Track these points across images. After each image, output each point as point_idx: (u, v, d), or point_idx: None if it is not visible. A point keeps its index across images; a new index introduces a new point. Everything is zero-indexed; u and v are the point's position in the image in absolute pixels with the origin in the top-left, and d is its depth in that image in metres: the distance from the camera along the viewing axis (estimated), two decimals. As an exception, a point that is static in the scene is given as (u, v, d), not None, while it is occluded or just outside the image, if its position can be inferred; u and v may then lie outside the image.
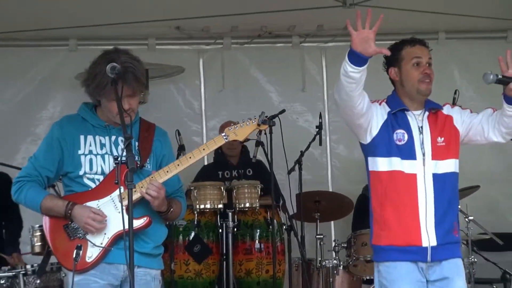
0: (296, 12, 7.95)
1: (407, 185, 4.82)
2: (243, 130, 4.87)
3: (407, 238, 4.78)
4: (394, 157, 4.83)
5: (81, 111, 4.79)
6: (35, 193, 4.66)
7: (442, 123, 4.97)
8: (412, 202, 4.80)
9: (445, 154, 4.92)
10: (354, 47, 4.65)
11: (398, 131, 4.86)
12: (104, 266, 4.59)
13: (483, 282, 8.52)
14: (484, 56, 9.59)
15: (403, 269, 4.79)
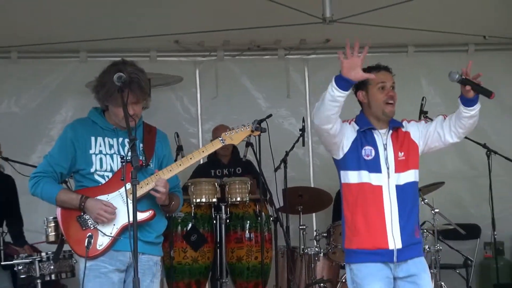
0: (281, 28, 7.96)
1: (374, 196, 4.87)
2: (238, 135, 4.91)
3: (376, 243, 4.83)
4: (362, 171, 4.88)
5: (91, 115, 4.81)
6: (50, 187, 4.68)
7: (402, 139, 5.03)
8: (379, 210, 4.85)
9: (405, 167, 4.97)
10: (344, 73, 4.60)
11: (366, 148, 4.91)
12: (112, 253, 4.61)
13: (447, 267, 8.55)
14: (448, 67, 9.47)
15: (373, 267, 4.84)
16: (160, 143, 4.91)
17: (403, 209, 4.88)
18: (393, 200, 4.86)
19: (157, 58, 9.18)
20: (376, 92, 4.99)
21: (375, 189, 4.87)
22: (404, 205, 4.89)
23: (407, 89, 9.22)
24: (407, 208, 4.90)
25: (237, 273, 7.60)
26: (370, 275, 4.82)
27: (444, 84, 9.53)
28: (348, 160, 4.93)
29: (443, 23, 8.35)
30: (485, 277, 9.39)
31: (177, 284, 7.47)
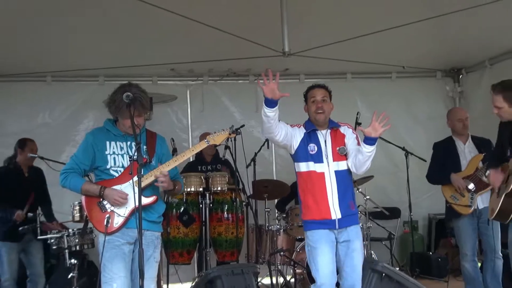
0: (251, 59, 7.94)
1: (319, 180, 5.07)
2: (219, 137, 4.99)
3: (322, 214, 5.02)
4: (309, 162, 5.10)
5: (106, 124, 4.84)
6: (76, 180, 4.69)
7: (339, 138, 5.23)
8: (322, 191, 5.05)
9: (341, 157, 5.16)
10: (266, 95, 4.89)
11: (310, 145, 5.15)
12: (124, 230, 4.62)
13: (375, 240, 8.57)
14: (376, 89, 9.65)
15: (322, 233, 4.99)
16: (159, 144, 4.93)
17: (340, 188, 5.07)
18: (333, 183, 5.06)
19: (157, 81, 9.11)
20: (310, 104, 5.28)
21: (319, 175, 5.08)
22: (341, 186, 5.08)
23: (346, 106, 9.24)
24: (342, 187, 5.09)
25: (218, 244, 7.56)
26: (320, 239, 4.98)
27: (373, 102, 9.60)
28: (299, 154, 5.15)
29: (373, 56, 8.38)
30: (403, 247, 9.41)
31: (172, 253, 7.43)
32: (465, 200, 6.44)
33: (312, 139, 5.16)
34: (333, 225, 4.99)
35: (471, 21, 7.19)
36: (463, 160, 6.60)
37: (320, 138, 5.17)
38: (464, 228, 6.50)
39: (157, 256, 4.81)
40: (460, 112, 6.91)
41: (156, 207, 4.77)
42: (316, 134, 5.19)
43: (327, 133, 5.21)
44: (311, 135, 5.19)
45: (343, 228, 5.02)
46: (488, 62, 8.85)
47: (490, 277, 6.45)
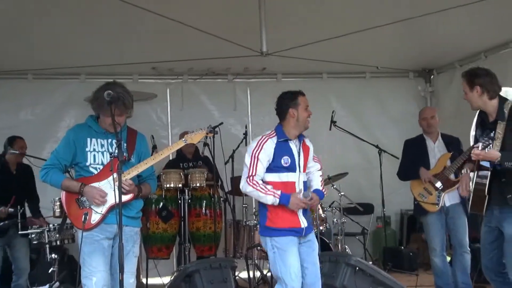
0: (230, 59, 7.94)
1: (291, 190, 4.97)
2: (196, 136, 4.94)
3: (293, 223, 4.97)
4: (282, 173, 4.97)
5: (88, 121, 4.78)
6: (57, 176, 4.65)
7: (306, 150, 5.17)
8: None
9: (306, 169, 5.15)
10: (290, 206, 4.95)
11: (284, 157, 4.97)
12: (103, 226, 4.59)
13: (349, 235, 8.61)
14: (351, 89, 9.70)
15: (290, 238, 4.94)
16: (139, 142, 4.89)
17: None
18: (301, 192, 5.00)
19: (138, 80, 9.07)
20: (302, 111, 5.10)
21: (291, 184, 5.00)
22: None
23: (322, 105, 9.29)
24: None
25: (196, 239, 7.56)
26: (290, 242, 4.92)
27: (348, 101, 9.65)
28: (271, 167, 4.98)
29: (348, 57, 8.40)
30: (376, 242, 9.46)
31: (151, 248, 7.41)
32: (433, 198, 6.48)
33: (285, 151, 4.98)
34: (300, 233, 4.99)
35: (441, 23, 7.25)
36: (432, 159, 6.64)
37: (293, 148, 5.03)
38: (433, 224, 6.55)
39: (136, 251, 4.79)
40: (425, 111, 6.94)
41: (134, 203, 4.75)
42: (288, 144, 5.03)
43: (300, 144, 5.11)
44: (283, 146, 5.00)
45: (306, 236, 5.06)
46: (458, 63, 8.93)
47: (458, 270, 6.52)
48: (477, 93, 5.06)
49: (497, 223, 5.01)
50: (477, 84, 5.05)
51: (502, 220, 4.97)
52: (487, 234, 5.13)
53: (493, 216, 5.02)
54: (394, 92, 9.86)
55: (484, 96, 5.04)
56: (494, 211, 4.99)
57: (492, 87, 5.04)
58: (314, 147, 5.32)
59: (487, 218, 5.09)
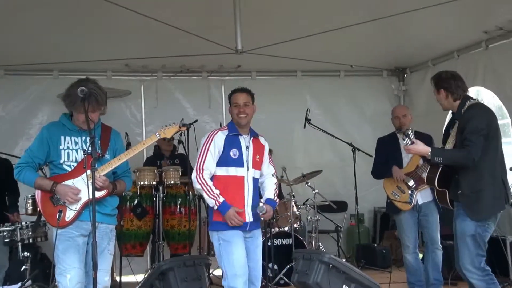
0: (205, 56, 7.94)
1: (238, 184, 5.07)
2: (169, 131, 4.93)
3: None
4: (230, 167, 5.07)
5: (61, 119, 4.75)
6: (30, 174, 4.61)
7: (260, 147, 5.25)
8: (240, 194, 5.07)
9: (258, 166, 5.22)
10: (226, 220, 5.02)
11: (233, 150, 5.09)
12: (78, 223, 4.57)
13: (323, 232, 8.66)
14: (325, 87, 9.75)
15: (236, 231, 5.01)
16: (114, 139, 4.87)
17: (254, 195, 5.14)
18: (250, 188, 5.11)
19: (112, 76, 9.00)
20: (232, 108, 5.23)
21: (239, 179, 5.08)
22: (255, 192, 5.16)
23: (296, 103, 9.35)
24: (255, 194, 5.16)
25: (170, 237, 7.53)
26: (235, 235, 4.99)
27: (322, 99, 9.69)
28: (220, 160, 5.08)
29: (323, 55, 8.45)
30: (350, 239, 9.52)
31: (125, 245, 7.37)
32: (405, 197, 6.54)
33: (234, 144, 5.11)
34: (245, 228, 5.04)
35: (415, 23, 7.32)
36: (405, 157, 6.67)
37: (242, 143, 5.13)
38: (405, 221, 6.61)
39: (112, 249, 4.77)
40: (396, 110, 6.96)
41: (110, 200, 4.74)
42: (238, 138, 5.14)
43: (250, 140, 5.18)
44: (233, 139, 5.13)
45: (251, 231, 5.11)
46: (431, 62, 9.02)
47: (431, 267, 6.58)
48: (443, 96, 5.34)
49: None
50: (442, 87, 5.35)
51: (455, 216, 5.20)
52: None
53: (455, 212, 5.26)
54: (368, 91, 9.93)
55: (449, 98, 5.32)
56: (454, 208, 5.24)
57: (456, 89, 5.29)
58: (288, 145, 5.39)
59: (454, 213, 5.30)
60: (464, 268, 5.10)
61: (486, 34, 7.63)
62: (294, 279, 5.97)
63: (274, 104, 9.15)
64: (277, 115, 9.18)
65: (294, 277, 5.97)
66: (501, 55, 7.61)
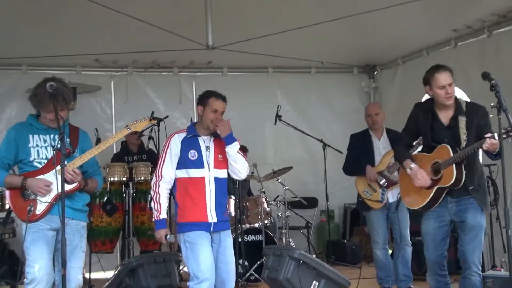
0: (176, 52, 7.90)
1: (199, 185, 5.00)
2: (140, 124, 4.96)
3: (199, 217, 4.97)
4: (189, 169, 5.01)
5: (28, 119, 4.76)
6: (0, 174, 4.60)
7: (222, 145, 5.09)
8: (201, 195, 5.00)
9: (222, 166, 5.13)
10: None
11: (191, 151, 5.03)
12: (49, 217, 4.57)
13: (294, 229, 8.69)
14: (296, 83, 9.77)
15: (200, 232, 4.95)
16: (82, 138, 4.87)
17: (218, 195, 5.06)
18: (212, 188, 5.03)
19: (81, 72, 8.89)
20: (209, 113, 5.06)
21: (199, 180, 5.01)
22: (219, 193, 5.07)
23: (267, 99, 9.37)
24: (220, 195, 5.08)
25: (141, 233, 7.52)
26: (199, 236, 4.93)
27: (293, 96, 9.72)
28: (179, 163, 5.03)
29: (294, 51, 8.46)
30: (320, 235, 9.58)
31: (95, 242, 7.31)
32: (377, 195, 6.60)
33: (192, 145, 5.04)
34: (208, 228, 4.97)
35: (385, 21, 7.38)
36: (377, 156, 6.73)
37: (201, 143, 5.06)
38: (376, 218, 6.68)
39: (84, 246, 4.76)
40: (369, 108, 7.01)
41: (81, 195, 4.74)
42: (197, 139, 5.08)
43: (211, 140, 5.12)
44: (191, 141, 5.07)
45: (217, 232, 5.05)
46: (401, 60, 9.10)
47: (400, 263, 6.66)
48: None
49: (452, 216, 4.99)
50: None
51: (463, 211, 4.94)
52: (439, 229, 5.05)
53: (447, 210, 4.99)
54: (339, 88, 9.98)
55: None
56: (449, 205, 4.97)
57: None
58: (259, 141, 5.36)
59: (437, 213, 5.03)
60: (474, 263, 4.90)
61: (455, 32, 7.72)
62: (265, 275, 6.00)
63: (245, 100, 9.15)
64: (248, 111, 9.19)
65: (265, 273, 5.99)
66: (469, 53, 7.70)
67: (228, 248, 5.08)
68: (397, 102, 9.04)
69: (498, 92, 4.33)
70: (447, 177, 4.87)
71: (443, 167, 4.88)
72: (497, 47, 7.24)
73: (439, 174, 4.92)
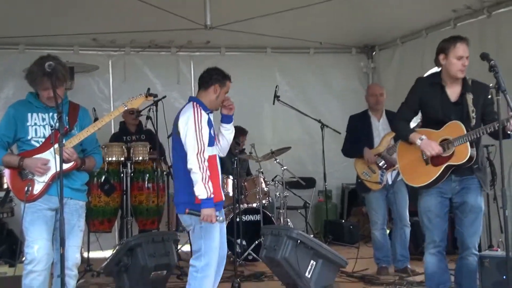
0: (174, 32, 7.89)
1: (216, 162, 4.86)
2: (136, 101, 4.92)
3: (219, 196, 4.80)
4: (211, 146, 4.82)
5: (28, 97, 4.72)
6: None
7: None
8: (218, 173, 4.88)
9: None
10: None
11: (212, 128, 4.84)
12: (47, 197, 4.55)
13: (292, 209, 8.70)
14: (295, 63, 9.75)
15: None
16: (82, 115, 4.82)
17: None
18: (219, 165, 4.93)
19: (79, 51, 8.86)
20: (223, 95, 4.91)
21: (215, 157, 4.88)
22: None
23: (265, 79, 9.35)
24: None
25: (138, 212, 7.54)
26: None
27: (292, 76, 9.70)
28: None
29: (292, 32, 8.43)
30: (318, 215, 9.60)
31: (93, 221, 7.35)
32: (376, 177, 6.62)
33: (210, 123, 4.87)
34: (221, 207, 4.93)
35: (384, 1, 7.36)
36: (376, 137, 6.74)
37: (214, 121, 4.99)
38: (375, 199, 6.70)
39: (82, 225, 4.74)
40: (373, 88, 7.04)
41: (79, 174, 4.72)
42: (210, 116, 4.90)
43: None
44: (209, 118, 4.88)
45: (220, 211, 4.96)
46: (400, 40, 9.07)
47: (398, 243, 6.69)
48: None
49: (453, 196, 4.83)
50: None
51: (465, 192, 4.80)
52: (442, 205, 4.86)
53: (450, 188, 4.81)
54: (337, 68, 9.96)
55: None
56: (453, 183, 4.79)
57: None
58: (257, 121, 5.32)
59: (439, 190, 4.82)
60: (475, 248, 4.82)
61: (454, 13, 7.68)
62: (262, 254, 6.02)
63: (243, 80, 9.09)
64: (246, 91, 9.16)
65: (262, 252, 6.02)
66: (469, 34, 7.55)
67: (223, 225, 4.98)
68: (395, 83, 9.02)
69: (497, 72, 4.25)
70: (460, 154, 4.67)
71: (455, 144, 4.67)
72: (496, 28, 7.22)
73: (449, 151, 4.72)
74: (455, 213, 4.91)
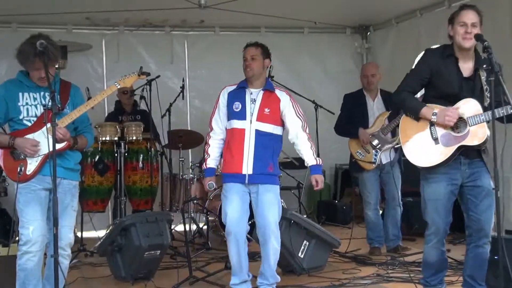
0: (168, 11, 7.85)
1: (239, 136, 5.06)
2: (129, 80, 4.89)
3: (234, 168, 5.05)
4: (232, 120, 5.11)
5: (18, 76, 4.66)
6: None
7: (272, 101, 5.14)
8: (240, 146, 5.05)
9: (267, 120, 5.09)
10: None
11: (236, 103, 5.12)
12: (40, 177, 4.52)
13: (285, 189, 8.62)
14: (289, 43, 9.71)
15: (232, 185, 5.08)
16: (74, 93, 4.78)
17: (258, 148, 5.04)
18: (251, 140, 5.04)
19: (72, 30, 8.80)
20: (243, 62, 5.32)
21: (240, 131, 5.07)
22: (259, 146, 5.05)
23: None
24: (261, 147, 5.05)
25: (132, 193, 7.55)
26: (231, 189, 5.06)
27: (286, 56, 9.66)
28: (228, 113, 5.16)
29: (287, 11, 8.40)
30: (311, 196, 9.62)
31: (87, 201, 7.35)
32: (370, 157, 6.63)
33: (238, 97, 5.13)
34: (242, 179, 5.02)
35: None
36: (370, 117, 6.74)
37: (247, 96, 5.12)
38: (368, 179, 6.72)
39: (75, 205, 4.72)
40: (366, 68, 7.02)
41: (72, 154, 4.68)
42: (244, 91, 5.15)
43: (259, 93, 5.14)
44: (238, 92, 5.17)
45: (255, 184, 5.04)
46: (394, 21, 9.04)
47: (390, 223, 6.74)
48: None
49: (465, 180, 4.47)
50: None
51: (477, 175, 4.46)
52: (451, 194, 4.50)
53: (460, 172, 4.46)
54: (332, 48, 9.93)
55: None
56: (463, 167, 4.44)
57: None
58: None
59: (448, 176, 4.45)
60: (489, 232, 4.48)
61: (449, -7, 7.66)
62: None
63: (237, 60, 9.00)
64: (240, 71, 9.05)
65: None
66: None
67: (266, 203, 5.03)
68: (390, 63, 9.01)
69: (491, 54, 4.10)
70: (477, 135, 4.33)
71: (470, 123, 4.32)
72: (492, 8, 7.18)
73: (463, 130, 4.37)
74: (468, 198, 4.50)
